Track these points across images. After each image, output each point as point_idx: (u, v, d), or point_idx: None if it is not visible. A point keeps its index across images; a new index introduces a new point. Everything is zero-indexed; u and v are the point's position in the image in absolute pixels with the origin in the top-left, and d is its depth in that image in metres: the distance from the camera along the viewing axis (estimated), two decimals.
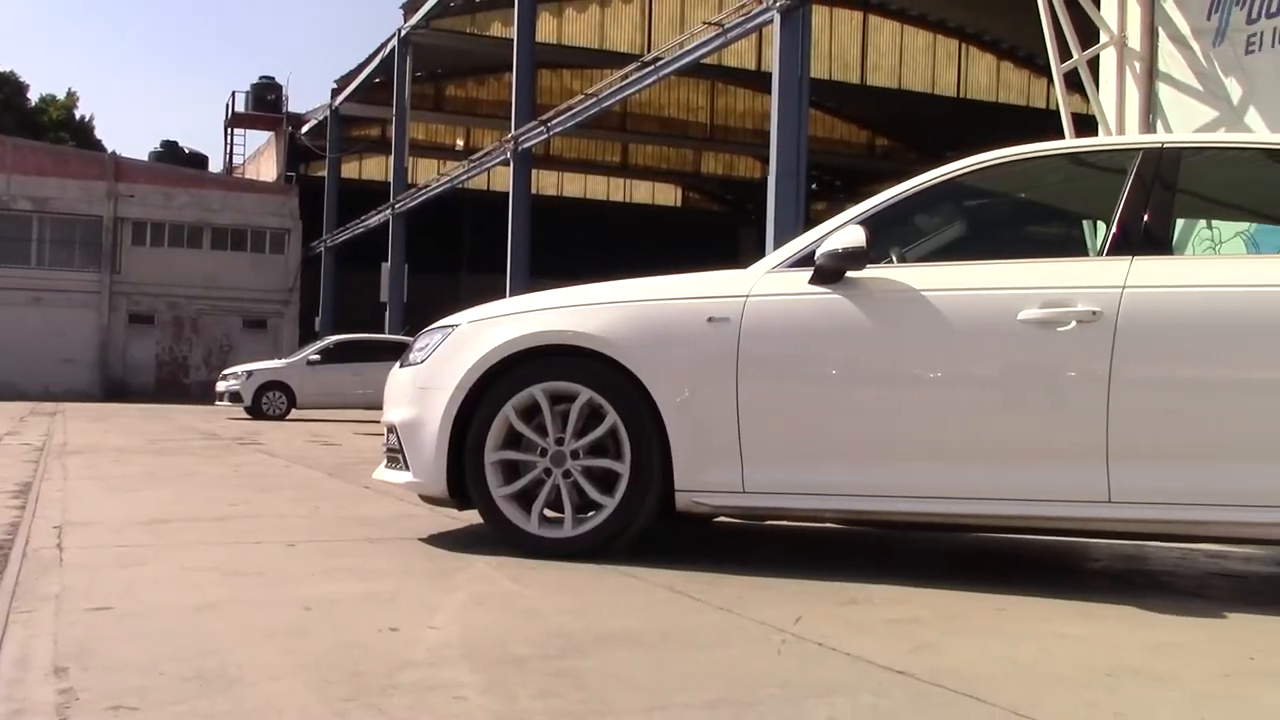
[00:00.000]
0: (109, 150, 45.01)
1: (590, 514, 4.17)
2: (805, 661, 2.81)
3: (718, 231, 43.87)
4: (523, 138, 24.33)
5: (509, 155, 24.90)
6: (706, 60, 20.06)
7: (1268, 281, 3.83)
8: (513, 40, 25.79)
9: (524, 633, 3.02)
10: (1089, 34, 9.24)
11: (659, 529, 4.67)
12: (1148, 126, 8.82)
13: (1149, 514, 3.76)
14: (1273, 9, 7.99)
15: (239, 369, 23.07)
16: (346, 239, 37.56)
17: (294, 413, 21.74)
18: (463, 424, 4.27)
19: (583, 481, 4.17)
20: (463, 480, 4.28)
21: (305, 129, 40.92)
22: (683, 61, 18.87)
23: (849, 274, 4.04)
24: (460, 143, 42.07)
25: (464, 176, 29.76)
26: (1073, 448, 3.80)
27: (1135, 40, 8.97)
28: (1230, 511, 3.71)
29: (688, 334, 4.16)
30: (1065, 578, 4.43)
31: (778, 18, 14.46)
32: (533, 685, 2.52)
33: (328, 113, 38.67)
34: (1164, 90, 8.82)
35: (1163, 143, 4.26)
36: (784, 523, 5.25)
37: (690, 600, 3.50)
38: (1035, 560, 4.77)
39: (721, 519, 4.92)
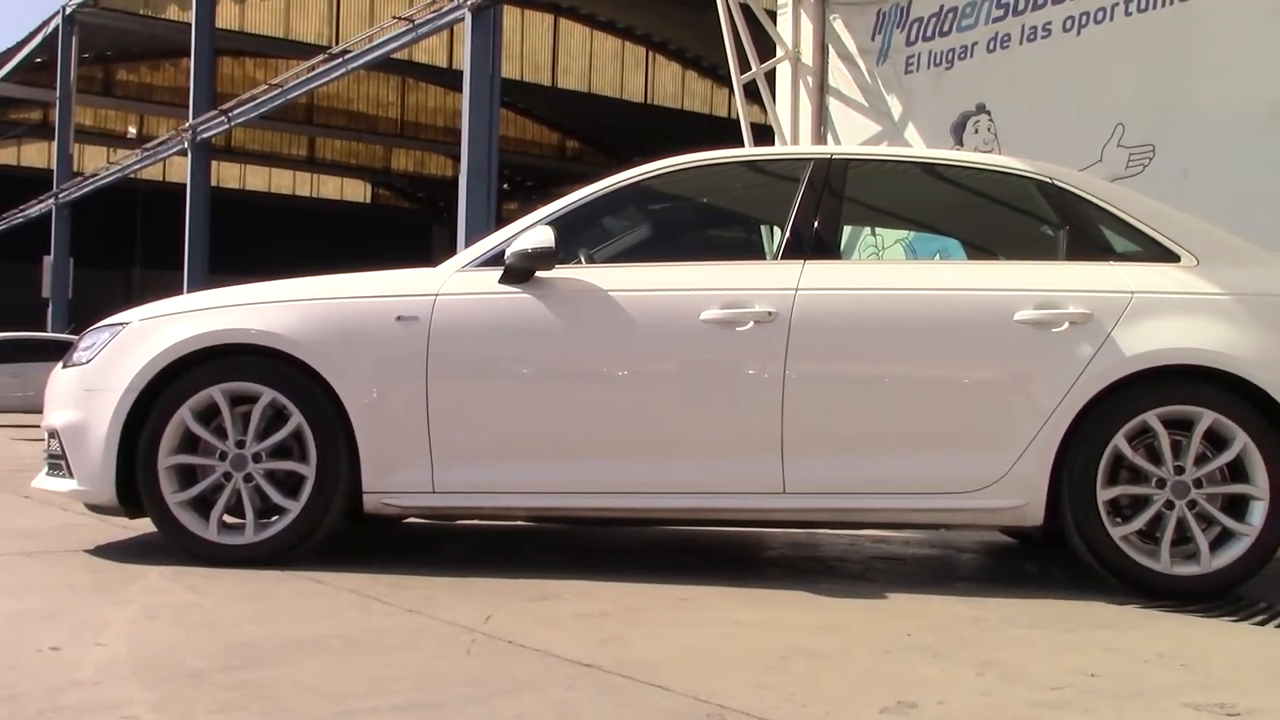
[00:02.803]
0: None
1: (274, 519, 4.03)
2: (495, 659, 2.82)
3: (410, 229, 43.31)
4: (201, 127, 23.21)
5: (186, 145, 23.69)
6: (397, 55, 19.78)
7: (924, 285, 4.14)
8: (190, 24, 24.55)
9: (201, 645, 2.89)
10: (767, 48, 9.70)
11: (347, 532, 4.57)
12: (819, 138, 9.35)
13: (820, 503, 4.00)
14: (929, 33, 8.63)
15: None
16: (3, 230, 34.73)
17: None
18: (133, 428, 4.03)
19: (265, 485, 4.02)
20: (134, 487, 4.04)
21: None
22: (372, 56, 18.52)
23: (538, 274, 4.08)
24: (133, 130, 39.66)
25: (136, 166, 28.07)
26: (750, 442, 3.99)
27: (808, 56, 9.49)
28: (891, 499, 3.99)
29: (376, 333, 4.09)
30: (744, 567, 4.63)
31: (469, 16, 14.41)
32: (210, 699, 2.41)
33: None
34: (834, 104, 9.37)
35: (831, 154, 4.52)
36: (475, 522, 5.25)
37: (378, 604, 3.44)
38: (716, 551, 4.96)
39: (412, 520, 4.87)
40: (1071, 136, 7.51)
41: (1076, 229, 4.29)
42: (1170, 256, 4.13)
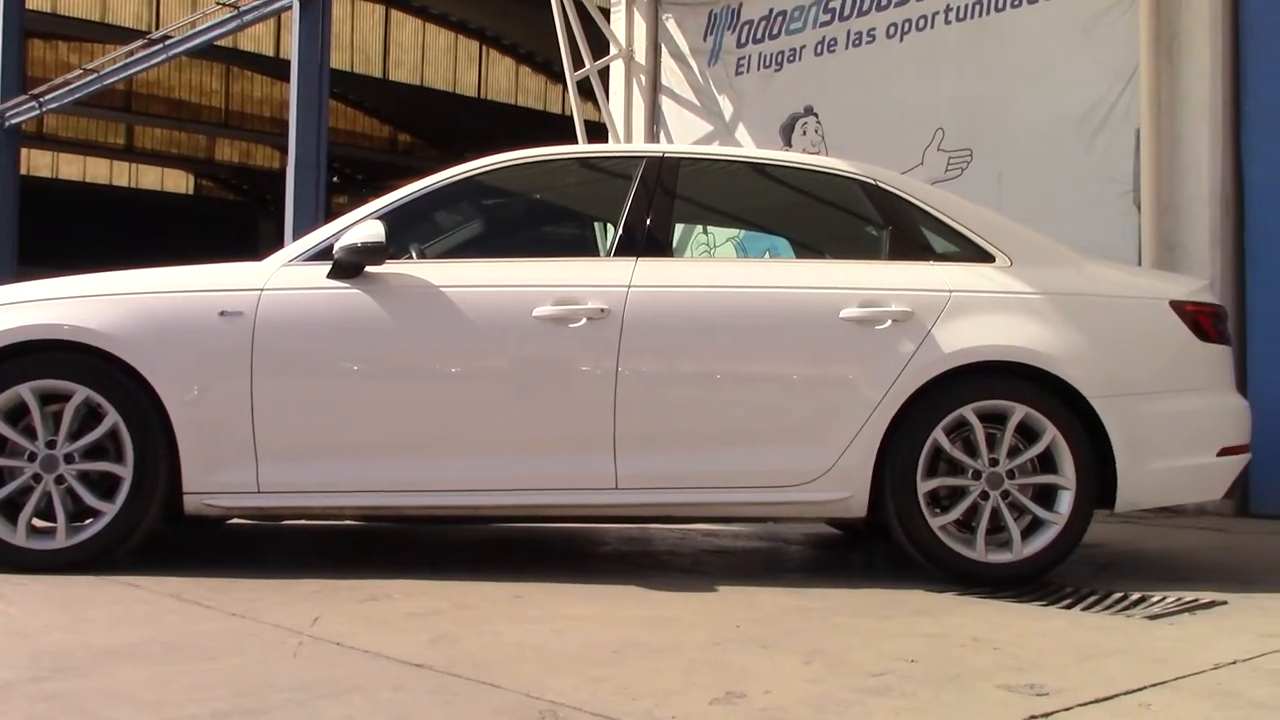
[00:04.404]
0: None
1: (88, 522, 3.86)
2: (323, 662, 2.76)
3: (235, 222, 41.97)
4: (10, 112, 22.06)
5: None
6: (221, 43, 19.16)
7: (753, 283, 4.22)
8: None
9: (9, 656, 2.75)
10: (601, 46, 9.74)
11: (167, 535, 4.42)
12: (652, 136, 9.44)
13: (651, 498, 4.04)
14: (759, 35, 8.80)
15: None
16: None
17: None
18: None
19: (78, 487, 3.85)
20: None
21: None
22: (195, 42, 17.87)
23: (368, 269, 4.01)
24: None
25: None
26: (583, 438, 4.00)
27: (641, 55, 9.57)
28: (722, 493, 4.05)
29: (198, 328, 3.96)
30: (577, 562, 4.64)
31: (297, 4, 14.04)
32: (19, 713, 2.29)
33: None
34: (667, 103, 9.47)
35: (664, 152, 4.56)
36: (303, 522, 5.13)
37: (200, 608, 3.34)
38: (550, 547, 4.96)
39: (236, 521, 4.73)
40: (894, 140, 7.75)
41: (899, 229, 4.43)
42: (986, 257, 4.30)
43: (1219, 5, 6.53)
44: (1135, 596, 3.79)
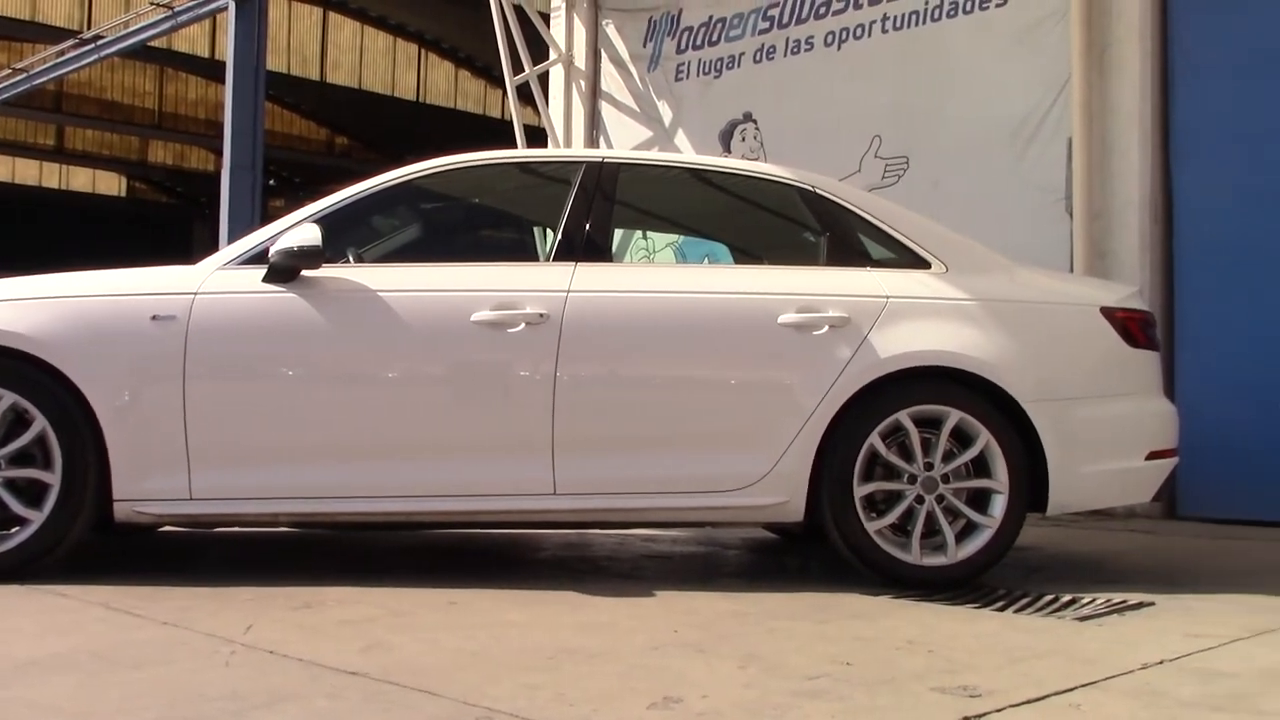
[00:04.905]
0: None
1: (14, 530, 3.78)
2: (256, 671, 2.72)
3: (169, 225, 41.36)
4: None
5: None
6: (155, 43, 18.90)
7: (692, 289, 4.23)
8: None
9: None
10: (541, 50, 9.72)
11: (97, 543, 4.34)
12: (592, 141, 9.43)
13: (590, 504, 4.03)
14: (698, 42, 8.83)
15: None
16: None
17: None
18: None
19: (4, 494, 3.76)
20: None
21: None
22: (128, 43, 17.62)
23: (304, 273, 3.97)
24: None
25: None
26: (522, 443, 3.98)
27: (581, 60, 9.56)
28: (660, 498, 4.06)
29: (129, 333, 3.90)
30: (515, 568, 4.62)
31: (232, 5, 13.90)
32: None
33: None
34: (606, 108, 9.48)
35: (603, 157, 4.57)
36: (236, 529, 5.06)
37: (130, 616, 3.28)
38: (488, 553, 4.94)
39: (169, 529, 4.66)
40: (832, 147, 7.81)
41: (836, 236, 4.46)
42: (922, 263, 4.34)
43: (1148, 17, 6.65)
44: (1066, 598, 3.85)
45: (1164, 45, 6.69)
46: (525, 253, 5.34)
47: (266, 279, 3.98)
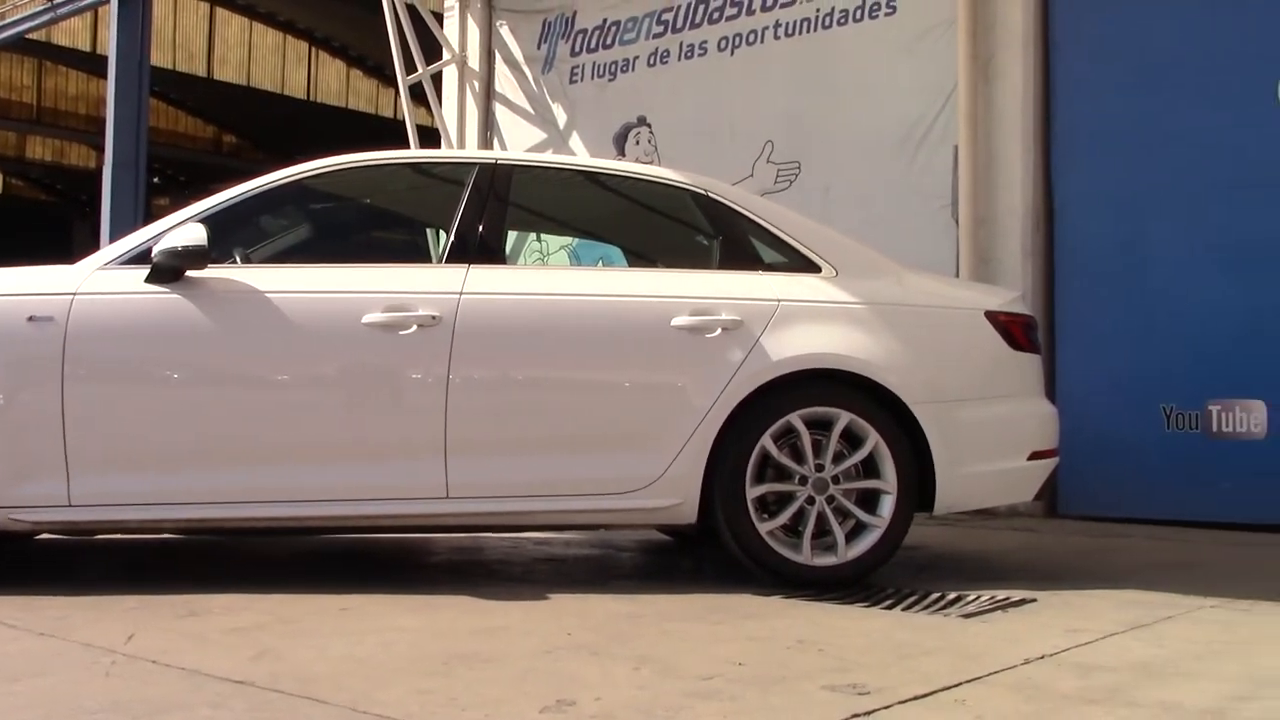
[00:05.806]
0: None
1: None
2: (138, 681, 2.65)
3: (47, 223, 40.10)
4: None
5: None
6: (33, 36, 18.33)
7: (586, 291, 4.23)
8: None
9: None
10: (434, 50, 9.64)
11: None
12: (486, 143, 9.39)
13: (483, 507, 4.01)
14: (593, 45, 8.84)
15: None
16: None
17: None
18: None
19: None
20: None
21: None
22: (5, 35, 17.07)
23: (189, 273, 3.89)
24: None
25: None
26: (414, 446, 3.94)
27: (475, 60, 9.51)
28: (553, 501, 4.05)
29: (4, 334, 3.78)
30: (408, 573, 4.58)
31: None
32: None
33: None
34: (500, 110, 9.44)
35: (496, 159, 4.54)
36: (118, 536, 4.92)
37: (4, 628, 3.17)
38: (380, 558, 4.88)
39: (47, 536, 4.52)
40: (726, 151, 7.88)
41: (729, 239, 4.50)
42: (813, 267, 4.40)
43: (1031, 27, 6.83)
44: (952, 596, 3.93)
45: (1046, 56, 6.88)
46: (418, 254, 5.28)
47: (149, 279, 3.88)
